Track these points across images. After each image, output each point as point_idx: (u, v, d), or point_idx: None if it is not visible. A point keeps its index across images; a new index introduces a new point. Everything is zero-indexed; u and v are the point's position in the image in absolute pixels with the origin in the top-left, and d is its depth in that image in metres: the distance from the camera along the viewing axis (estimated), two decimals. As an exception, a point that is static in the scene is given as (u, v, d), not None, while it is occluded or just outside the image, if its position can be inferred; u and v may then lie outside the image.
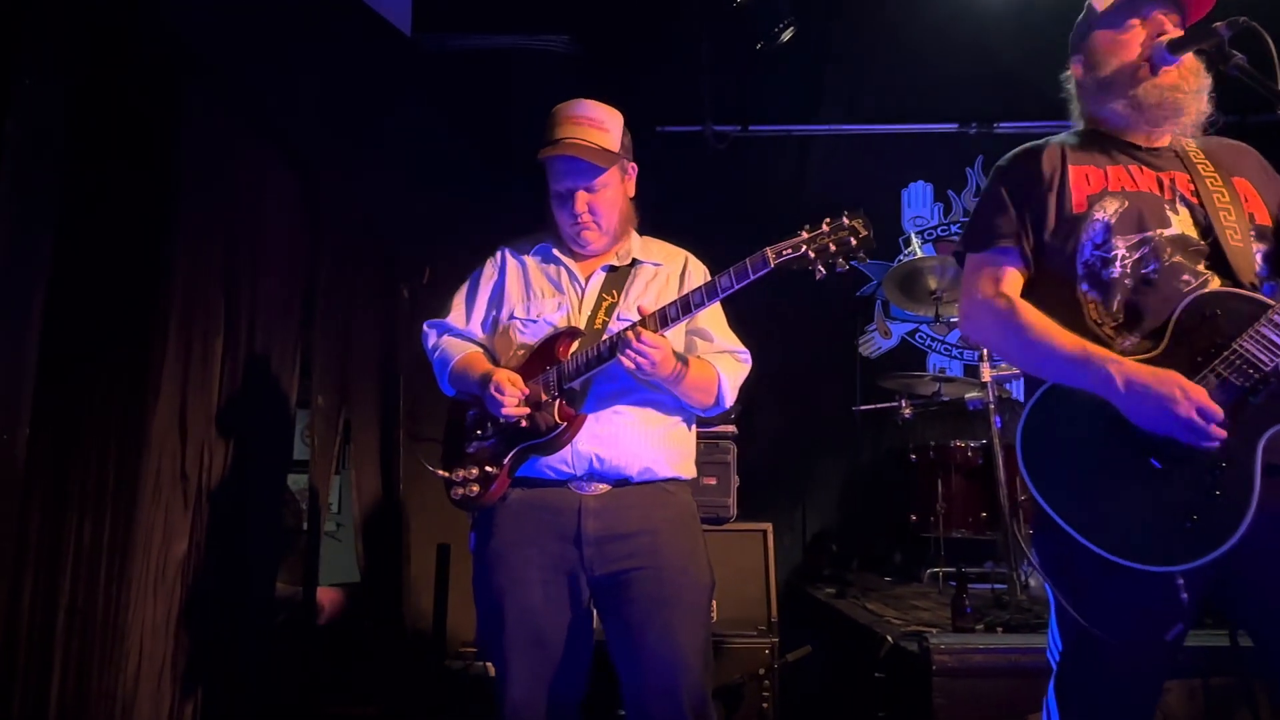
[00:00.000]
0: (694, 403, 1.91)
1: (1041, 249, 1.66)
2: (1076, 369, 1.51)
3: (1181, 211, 1.58)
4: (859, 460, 4.78)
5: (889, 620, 3.10)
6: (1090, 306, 1.59)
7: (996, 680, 2.43)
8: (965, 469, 3.67)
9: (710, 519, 3.24)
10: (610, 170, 1.93)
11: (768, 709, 2.76)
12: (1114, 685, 1.55)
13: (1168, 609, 1.46)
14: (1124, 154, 1.66)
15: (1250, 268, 1.52)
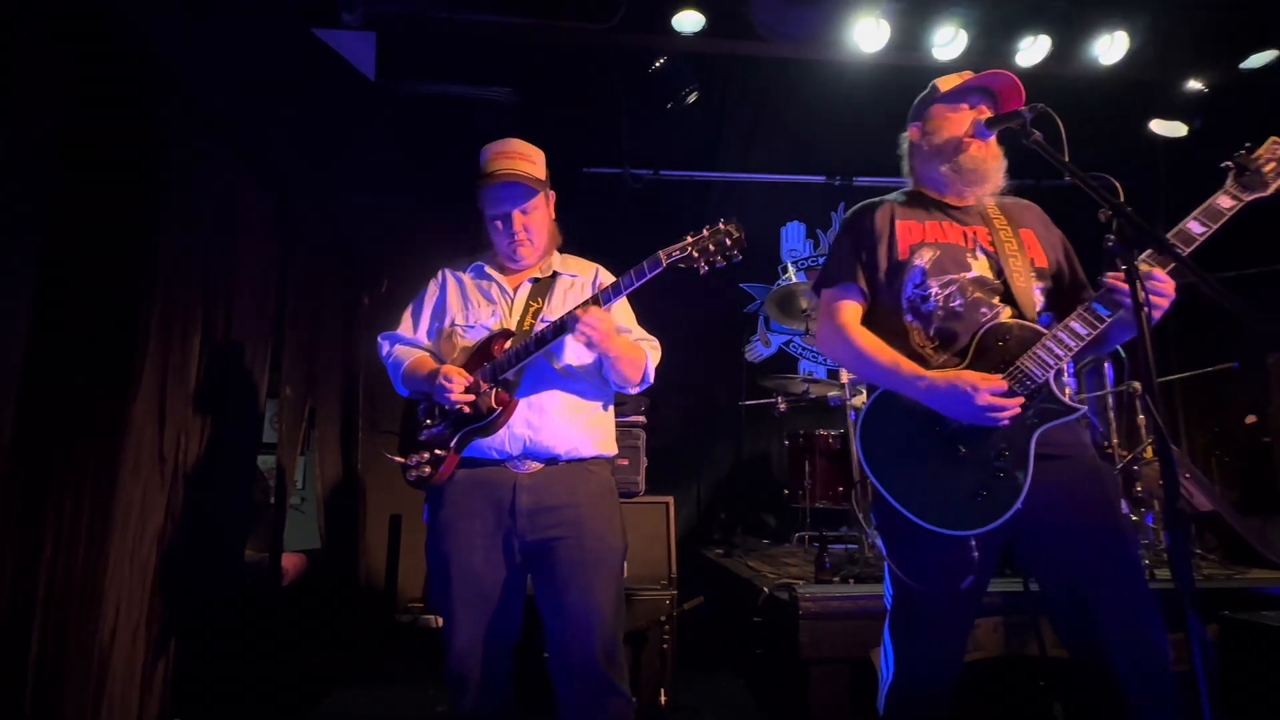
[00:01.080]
0: (625, 378, 1.88)
1: (876, 287, 1.75)
2: (895, 378, 1.62)
3: (980, 258, 1.69)
4: (744, 445, 4.88)
5: (766, 575, 3.16)
6: (914, 332, 1.68)
7: (849, 621, 2.49)
8: (827, 452, 3.78)
9: (623, 493, 3.21)
10: (539, 195, 1.93)
11: (667, 649, 2.77)
12: (929, 623, 1.62)
13: (963, 564, 1.54)
14: (939, 211, 1.76)
15: (1032, 303, 1.64)
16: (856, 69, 4.05)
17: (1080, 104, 3.97)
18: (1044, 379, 1.53)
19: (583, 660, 1.73)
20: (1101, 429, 3.44)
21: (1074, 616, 1.56)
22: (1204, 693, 1.09)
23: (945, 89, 1.77)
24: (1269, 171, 1.50)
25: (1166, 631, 1.50)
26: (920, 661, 1.64)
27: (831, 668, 2.48)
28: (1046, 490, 1.54)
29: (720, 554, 3.95)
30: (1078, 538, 1.55)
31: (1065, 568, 1.56)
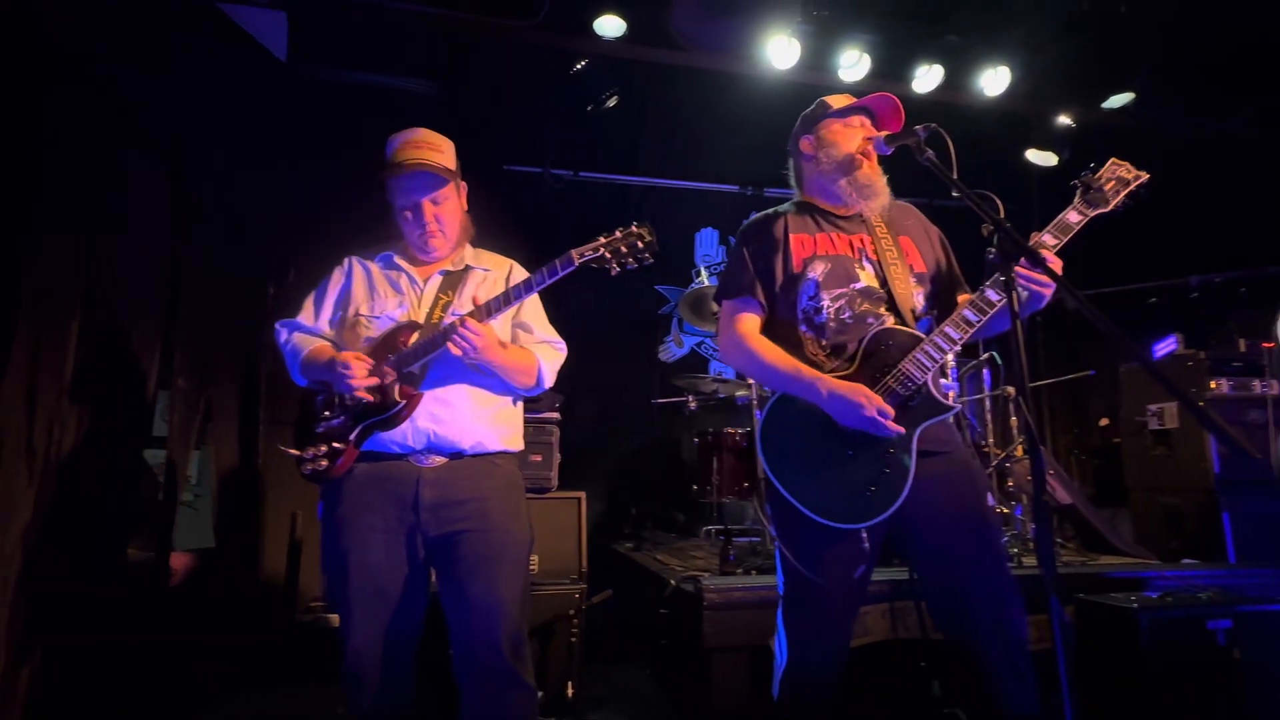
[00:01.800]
0: (517, 384, 1.84)
1: (773, 298, 1.79)
2: (795, 384, 1.66)
3: (867, 268, 1.76)
4: (655, 442, 4.91)
5: (673, 567, 3.18)
6: (809, 342, 1.73)
7: (751, 611, 2.54)
8: (735, 450, 3.85)
9: (535, 489, 3.18)
10: (450, 185, 1.86)
11: (574, 643, 2.75)
12: (820, 611, 1.67)
13: (855, 555, 1.61)
14: (827, 223, 1.82)
15: (912, 308, 1.72)
16: (769, 85, 4.14)
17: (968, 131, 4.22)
18: (923, 380, 1.62)
19: (487, 653, 1.68)
20: (979, 429, 3.66)
21: (946, 601, 1.65)
22: (1062, 667, 1.17)
23: (836, 106, 1.84)
24: (1109, 190, 1.64)
25: (1026, 613, 1.61)
26: (812, 647, 1.69)
27: (733, 656, 2.52)
28: (924, 485, 1.62)
29: (630, 548, 3.96)
30: (950, 530, 1.63)
31: (939, 557, 1.65)
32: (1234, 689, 2.32)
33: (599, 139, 4.71)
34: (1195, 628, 2.35)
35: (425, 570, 1.76)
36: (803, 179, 1.92)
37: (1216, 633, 2.34)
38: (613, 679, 3.20)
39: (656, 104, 4.63)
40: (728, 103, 4.42)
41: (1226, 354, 3.71)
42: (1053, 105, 4.36)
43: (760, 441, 1.71)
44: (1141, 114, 4.32)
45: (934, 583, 1.69)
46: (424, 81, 4.18)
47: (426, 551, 1.74)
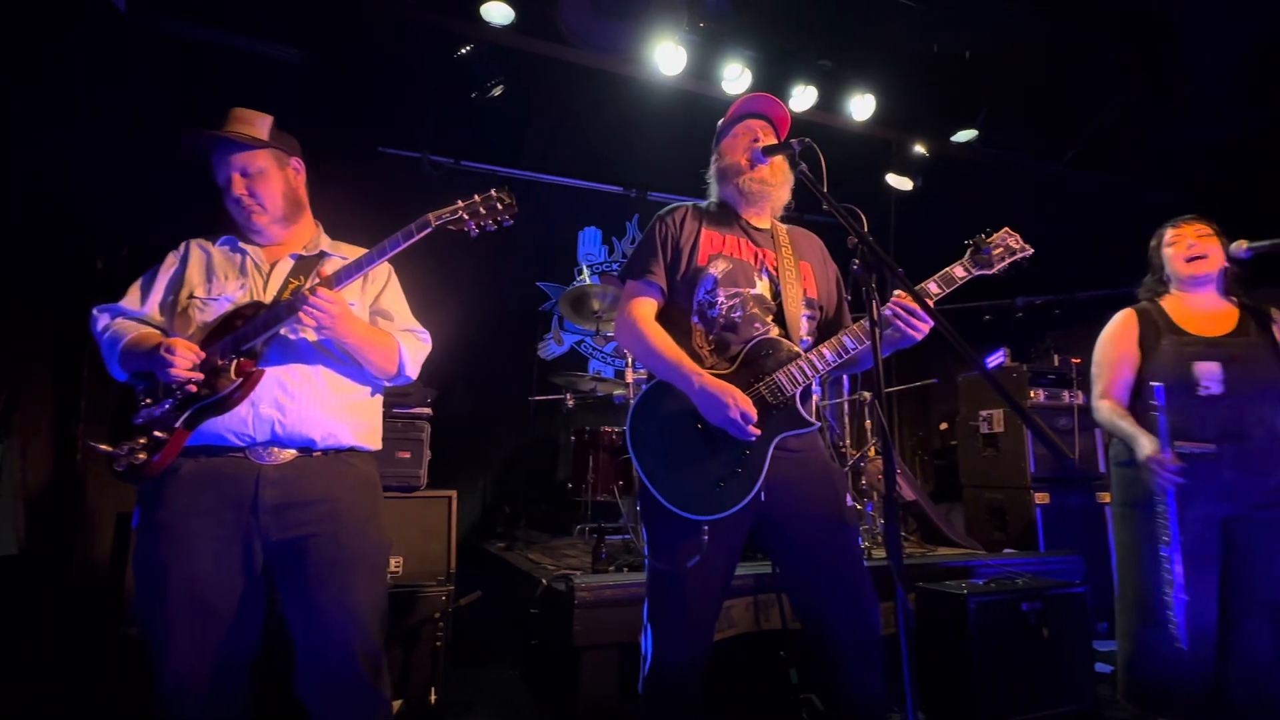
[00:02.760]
0: (377, 370, 1.72)
1: (674, 286, 1.81)
2: (674, 373, 1.68)
3: (764, 279, 1.82)
4: (532, 440, 4.83)
5: (545, 566, 3.14)
6: (698, 333, 1.77)
7: (623, 608, 2.54)
8: (611, 448, 3.86)
9: (402, 487, 3.03)
10: (264, 154, 1.70)
11: (440, 646, 2.63)
12: (678, 604, 1.69)
13: (694, 547, 1.64)
14: (739, 227, 1.87)
15: (798, 326, 1.80)
16: (657, 89, 4.20)
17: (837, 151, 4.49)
18: (792, 393, 1.69)
19: (340, 666, 1.54)
20: (838, 431, 3.89)
21: (804, 593, 1.73)
22: (905, 651, 1.25)
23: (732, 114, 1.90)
24: (996, 255, 1.79)
25: (877, 602, 1.71)
26: (673, 641, 1.70)
27: (603, 654, 2.52)
28: (785, 485, 1.69)
29: (502, 547, 3.86)
30: (809, 526, 1.71)
31: (798, 551, 1.72)
32: (1043, 661, 2.61)
33: (483, 129, 4.56)
34: (1013, 610, 2.61)
35: (263, 581, 1.59)
36: (716, 186, 1.97)
37: (1030, 613, 2.62)
38: (481, 682, 3.10)
39: (544, 98, 4.56)
40: (616, 104, 4.43)
41: (1043, 367, 4.18)
42: (910, 134, 4.73)
43: (629, 428, 1.72)
44: (982, 149, 4.77)
45: (794, 576, 1.75)
46: (292, 50, 3.86)
47: (266, 559, 1.57)
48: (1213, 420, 2.10)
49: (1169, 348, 2.20)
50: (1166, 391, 2.14)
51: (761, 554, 2.73)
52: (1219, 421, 2.10)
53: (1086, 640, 2.77)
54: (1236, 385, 2.09)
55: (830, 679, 1.69)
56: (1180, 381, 2.14)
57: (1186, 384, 2.13)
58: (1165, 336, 2.23)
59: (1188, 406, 2.13)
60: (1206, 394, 2.11)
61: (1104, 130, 4.68)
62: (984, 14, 4.00)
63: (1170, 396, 2.14)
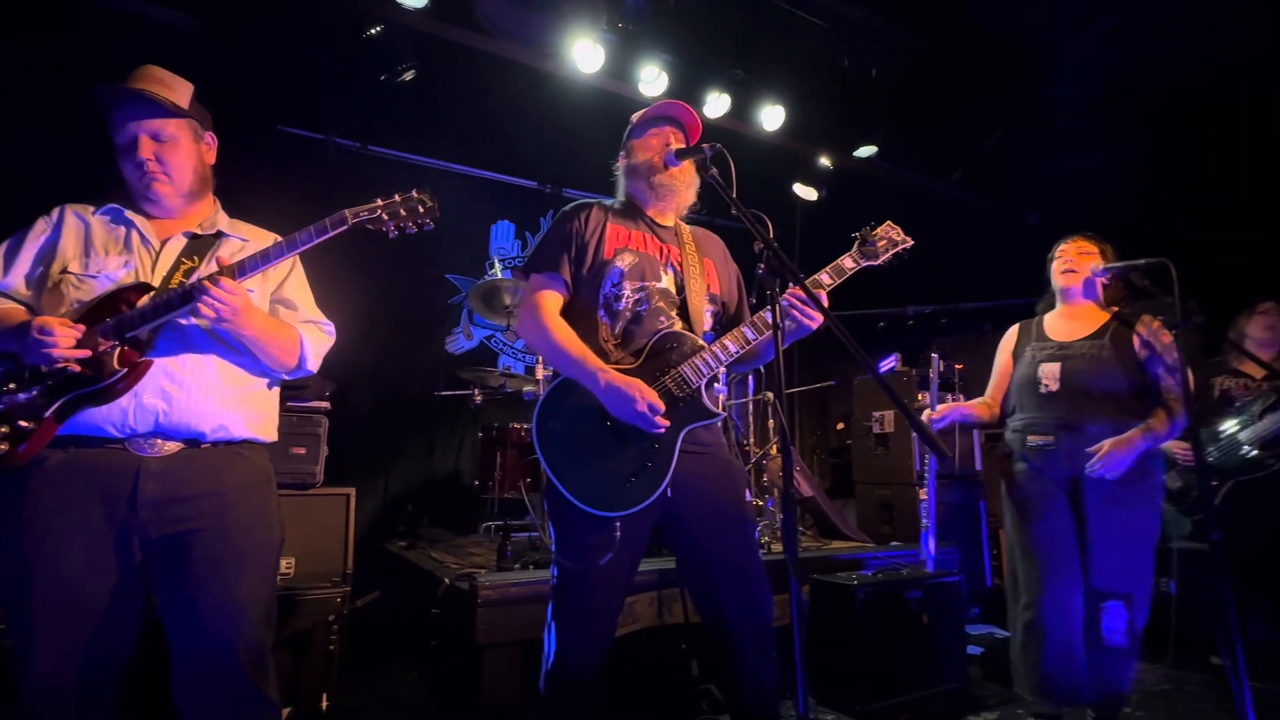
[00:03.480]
0: (276, 363, 1.62)
1: (580, 280, 1.81)
2: (578, 370, 1.68)
3: (669, 273, 1.85)
4: (438, 436, 4.70)
5: (449, 565, 3.06)
6: (603, 327, 1.78)
7: (527, 606, 2.53)
8: (519, 445, 3.80)
9: (297, 484, 2.88)
10: (180, 123, 1.59)
11: (334, 650, 2.52)
12: (584, 600, 1.70)
13: (606, 543, 1.66)
14: (644, 223, 1.89)
15: (701, 320, 1.84)
16: (575, 87, 4.18)
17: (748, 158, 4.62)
18: (697, 385, 1.73)
19: (222, 670, 1.45)
20: (742, 429, 4.01)
21: (704, 586, 1.76)
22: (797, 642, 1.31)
23: (638, 120, 1.93)
24: (881, 246, 1.90)
25: (772, 594, 1.78)
26: (577, 638, 1.71)
27: (505, 652, 2.49)
28: (690, 481, 1.72)
29: (404, 547, 3.74)
30: (711, 522, 1.75)
31: (700, 546, 1.75)
32: (922, 645, 2.80)
33: (394, 114, 4.39)
34: (897, 598, 2.78)
35: (140, 578, 1.48)
36: (624, 184, 1.98)
37: (911, 601, 2.80)
38: (378, 685, 2.99)
39: (460, 88, 4.44)
40: (534, 98, 4.38)
41: (929, 372, 4.46)
42: (816, 147, 4.93)
43: (536, 427, 1.71)
44: (882, 165, 5.04)
45: (695, 569, 1.79)
46: (185, 15, 3.58)
47: (144, 556, 1.46)
48: (1051, 415, 2.33)
49: (1028, 353, 2.43)
50: (1020, 391, 2.37)
51: (666, 549, 2.78)
52: (1056, 416, 2.33)
53: (960, 625, 2.98)
54: (1070, 383, 2.32)
55: (728, 669, 1.74)
56: (1029, 382, 2.37)
57: (1033, 383, 2.37)
58: (1029, 345, 2.45)
59: (1033, 404, 2.36)
60: (1046, 391, 2.34)
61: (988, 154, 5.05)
62: (885, 37, 4.23)
63: (1023, 395, 2.38)
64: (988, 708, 2.78)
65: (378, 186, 4.73)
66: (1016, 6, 4.14)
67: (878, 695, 2.68)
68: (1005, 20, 4.16)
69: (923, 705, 2.73)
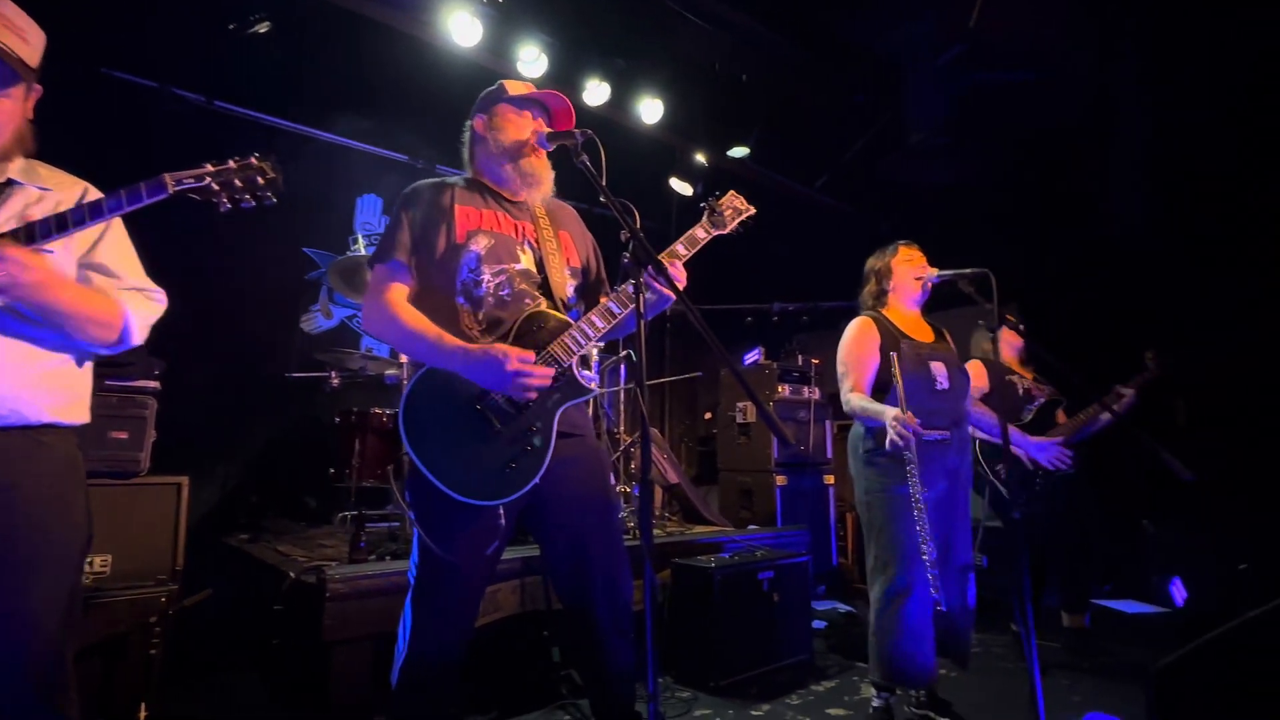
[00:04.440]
0: (89, 337, 1.42)
1: (431, 267, 1.73)
2: (437, 353, 1.63)
3: (527, 252, 1.81)
4: (290, 422, 4.37)
5: (295, 558, 2.87)
6: (465, 315, 1.72)
7: (381, 599, 2.41)
8: (380, 431, 3.63)
9: (116, 473, 2.58)
10: (20, 85, 1.40)
11: (155, 655, 2.28)
12: (451, 590, 1.66)
13: (491, 532, 1.64)
14: (495, 202, 1.84)
15: (565, 296, 1.82)
16: (452, 60, 4.02)
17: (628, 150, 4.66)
18: (569, 363, 1.72)
19: (6, 689, 1.28)
20: (613, 418, 4.06)
21: (570, 571, 1.77)
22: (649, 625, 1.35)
23: (513, 93, 1.86)
24: (728, 215, 1.96)
25: (632, 579, 1.82)
26: (440, 629, 1.67)
27: (356, 648, 2.37)
28: (558, 464, 1.71)
29: (245, 540, 3.46)
30: (578, 506, 1.76)
31: (566, 531, 1.76)
32: (773, 622, 2.97)
33: (248, 69, 4.01)
34: (750, 579, 2.94)
35: None
36: (475, 156, 1.90)
37: (763, 581, 2.96)
38: (211, 690, 2.75)
39: (326, 48, 4.13)
40: (406, 67, 4.17)
41: (790, 365, 4.73)
42: (693, 144, 5.05)
43: (403, 417, 1.62)
44: (753, 166, 5.26)
45: (558, 554, 1.79)
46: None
47: None
48: (945, 411, 2.49)
49: (909, 350, 2.53)
50: (912, 387, 2.47)
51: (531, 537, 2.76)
52: (948, 412, 2.50)
53: (808, 602, 3.20)
54: (953, 382, 2.53)
55: (588, 652, 1.76)
56: (921, 378, 2.49)
57: (926, 380, 2.49)
58: (902, 341, 2.58)
59: (928, 400, 2.47)
60: (941, 388, 2.50)
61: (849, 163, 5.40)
62: (759, 42, 4.40)
63: (913, 391, 2.46)
64: (828, 677, 3.00)
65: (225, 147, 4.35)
66: (879, 26, 4.46)
67: (731, 670, 2.82)
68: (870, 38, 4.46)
69: (771, 677, 2.91)
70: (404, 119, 4.70)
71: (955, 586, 2.49)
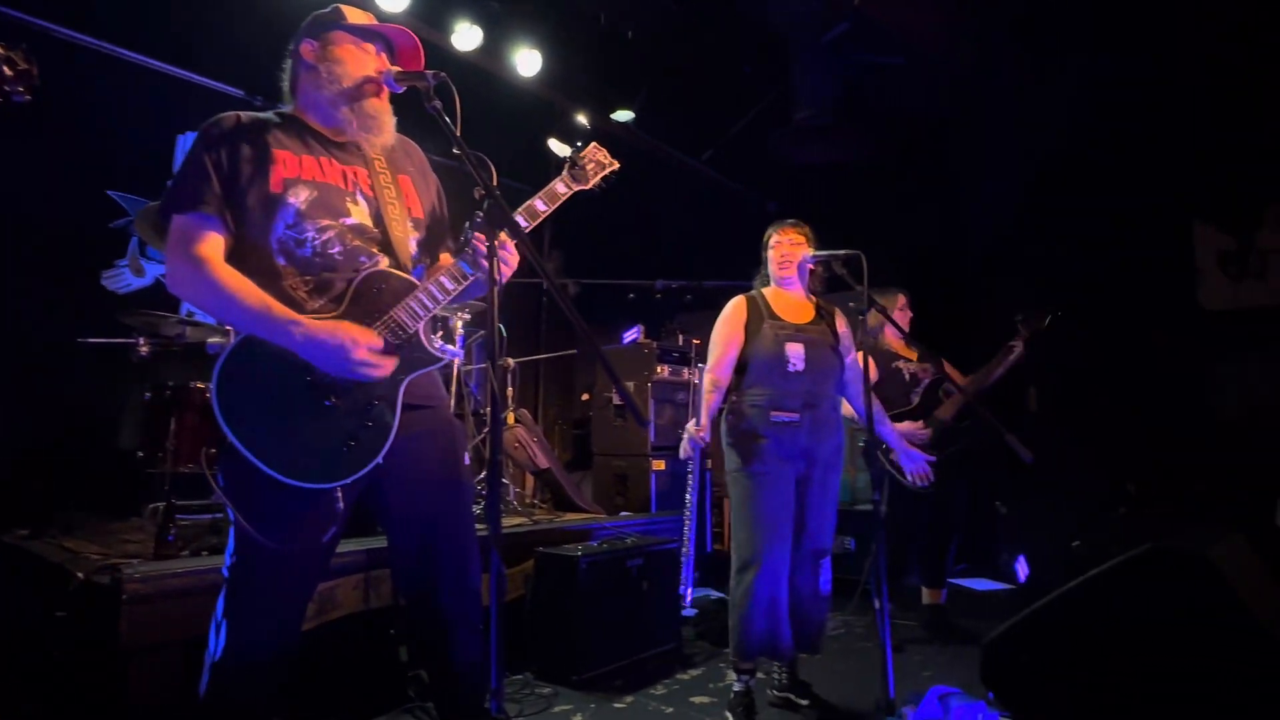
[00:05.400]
0: None
1: (243, 219, 1.60)
2: (265, 324, 1.51)
3: (361, 203, 1.69)
4: (85, 396, 3.92)
5: (88, 556, 2.59)
6: (288, 275, 1.60)
7: (193, 598, 2.24)
8: (200, 409, 3.33)
9: None
10: None
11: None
12: (277, 584, 1.57)
13: (327, 517, 1.56)
14: (319, 145, 1.70)
15: (407, 252, 1.73)
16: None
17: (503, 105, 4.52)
18: (415, 329, 1.64)
19: None
20: (480, 398, 3.97)
21: (415, 561, 1.71)
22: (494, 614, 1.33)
23: (353, 20, 1.72)
24: (590, 170, 1.92)
25: (482, 571, 1.78)
26: (260, 628, 1.57)
27: (160, 656, 2.19)
28: (405, 441, 1.64)
29: (24, 536, 3.10)
30: (425, 487, 1.70)
31: (414, 515, 1.70)
32: (642, 611, 3.04)
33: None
34: (619, 566, 2.99)
35: None
36: (298, 89, 1.74)
37: (632, 569, 3.02)
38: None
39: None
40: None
41: (670, 346, 4.83)
42: (574, 103, 4.99)
43: (216, 389, 1.49)
44: (638, 132, 5.27)
45: (403, 539, 1.73)
46: None
47: None
48: (798, 393, 2.63)
49: (768, 330, 2.69)
50: (765, 368, 2.64)
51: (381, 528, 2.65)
52: (801, 394, 2.63)
53: (677, 589, 3.30)
54: (811, 364, 2.66)
55: (435, 648, 1.72)
56: (775, 359, 2.64)
57: (780, 361, 2.64)
58: (766, 321, 2.72)
59: (780, 381, 2.63)
60: (793, 370, 2.64)
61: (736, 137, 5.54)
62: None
63: (768, 372, 2.63)
64: (695, 665, 3.12)
65: None
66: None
67: (596, 663, 2.86)
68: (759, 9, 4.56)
69: (638, 668, 2.98)
70: (239, 47, 4.29)
71: (808, 571, 2.67)
